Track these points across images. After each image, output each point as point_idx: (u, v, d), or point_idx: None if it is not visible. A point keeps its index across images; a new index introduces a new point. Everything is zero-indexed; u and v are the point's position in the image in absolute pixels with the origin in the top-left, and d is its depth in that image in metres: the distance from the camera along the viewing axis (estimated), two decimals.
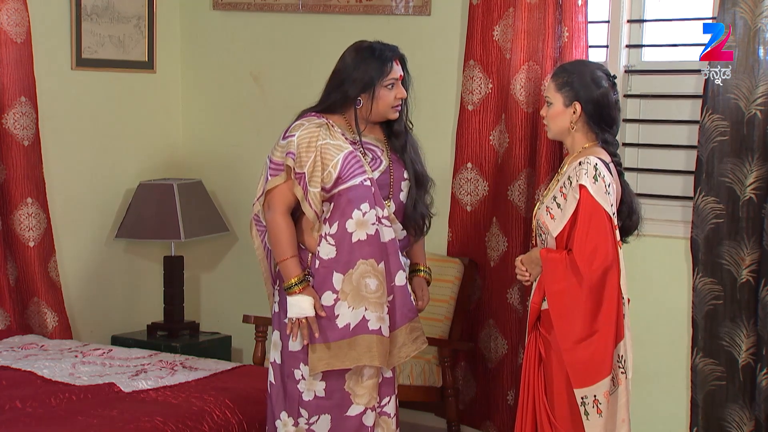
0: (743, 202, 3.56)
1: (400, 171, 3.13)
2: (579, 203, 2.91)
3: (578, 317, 2.89)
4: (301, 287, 2.99)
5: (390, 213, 3.07)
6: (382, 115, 3.09)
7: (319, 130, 3.01)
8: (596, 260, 2.87)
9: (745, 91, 3.54)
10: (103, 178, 4.72)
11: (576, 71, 3.04)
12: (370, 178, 3.03)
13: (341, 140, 3.03)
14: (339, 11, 4.53)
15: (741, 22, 3.51)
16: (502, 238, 4.07)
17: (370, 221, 3.00)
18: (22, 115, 4.25)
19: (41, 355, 3.85)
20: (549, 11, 3.88)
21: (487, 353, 4.16)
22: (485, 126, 4.12)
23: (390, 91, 3.07)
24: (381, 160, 3.10)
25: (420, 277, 3.26)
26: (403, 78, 3.11)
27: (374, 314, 2.99)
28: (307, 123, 3.04)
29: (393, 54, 3.08)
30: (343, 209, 3.00)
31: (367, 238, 3.00)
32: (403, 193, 3.14)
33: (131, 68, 4.79)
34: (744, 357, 3.60)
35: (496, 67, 4.07)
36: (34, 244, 4.28)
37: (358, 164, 3.02)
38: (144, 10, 4.79)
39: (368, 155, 3.08)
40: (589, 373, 2.89)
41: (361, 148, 3.07)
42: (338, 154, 3.01)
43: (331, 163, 3.00)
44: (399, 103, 3.10)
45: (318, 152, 2.99)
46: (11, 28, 4.18)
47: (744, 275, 3.58)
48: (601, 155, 3.00)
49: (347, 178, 3.00)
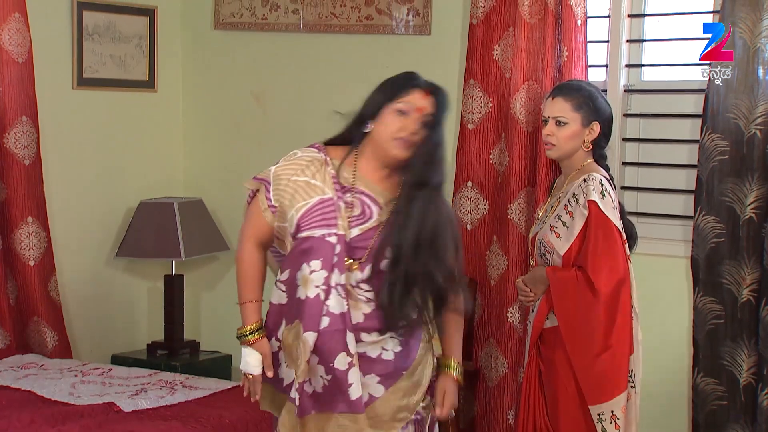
0: (743, 222, 3.56)
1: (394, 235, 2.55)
2: (589, 219, 2.92)
3: (593, 333, 2.89)
4: (256, 337, 2.60)
5: (355, 281, 2.55)
6: (382, 146, 2.55)
7: (305, 164, 2.59)
8: (610, 274, 2.88)
9: (744, 111, 3.55)
10: (104, 197, 4.73)
11: (588, 91, 3.10)
12: (338, 235, 2.54)
13: (327, 183, 2.56)
14: (339, 31, 4.55)
15: (740, 42, 3.52)
16: (502, 256, 4.07)
17: (315, 283, 2.53)
18: (23, 135, 4.25)
19: (41, 374, 3.84)
20: (549, 31, 3.89)
21: (488, 372, 4.15)
22: (485, 145, 4.13)
23: (398, 117, 2.53)
24: (371, 215, 2.58)
25: (447, 376, 2.67)
26: (426, 114, 2.53)
27: (298, 382, 2.56)
28: (300, 153, 2.63)
29: (417, 82, 2.58)
30: (296, 258, 2.57)
31: (306, 300, 2.54)
32: (386, 262, 2.54)
33: (132, 87, 4.80)
34: (745, 377, 3.59)
35: (496, 86, 4.08)
36: (35, 263, 4.28)
37: (328, 215, 2.55)
38: (145, 29, 4.81)
39: (357, 206, 2.57)
40: (605, 388, 2.89)
41: (351, 195, 2.57)
42: (310, 198, 2.56)
43: (297, 205, 2.56)
44: (404, 137, 2.52)
45: (290, 188, 2.58)
46: (13, 48, 4.19)
47: (745, 295, 3.58)
48: (600, 172, 3.03)
49: (306, 226, 2.55)
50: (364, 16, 4.51)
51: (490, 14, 4.05)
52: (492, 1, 4.04)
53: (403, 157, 2.53)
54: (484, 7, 4.06)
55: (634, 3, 3.95)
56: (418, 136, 2.52)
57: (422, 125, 2.52)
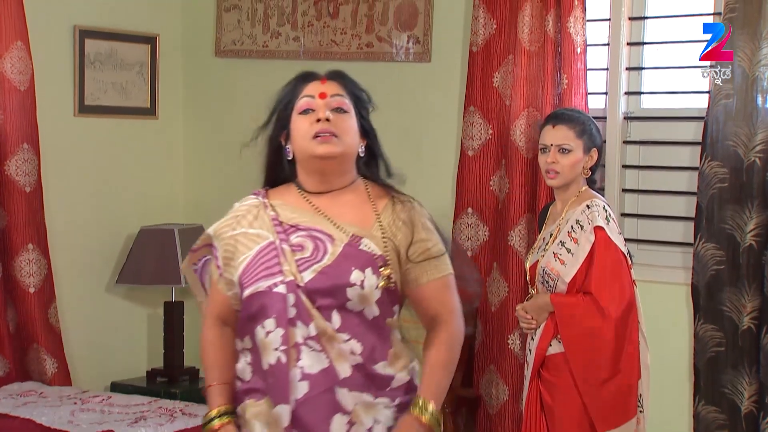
0: (743, 249, 3.56)
1: (356, 264, 2.11)
2: (596, 245, 2.93)
3: (602, 358, 2.89)
4: (223, 422, 2.15)
5: (332, 329, 2.09)
6: (306, 153, 2.16)
7: (242, 214, 2.22)
8: (619, 299, 2.89)
9: (744, 138, 3.55)
10: (105, 224, 4.73)
11: (586, 118, 3.14)
12: (287, 282, 2.10)
13: (267, 227, 2.16)
14: (340, 58, 4.56)
15: (739, 70, 3.53)
16: (502, 283, 4.06)
17: (274, 345, 2.09)
18: (24, 162, 4.26)
19: (40, 402, 3.83)
20: (548, 58, 3.91)
21: (488, 399, 4.13)
22: (485, 171, 4.14)
23: (305, 116, 2.18)
24: (325, 251, 2.12)
25: (409, 418, 2.11)
26: (333, 95, 2.18)
27: None
28: (238, 204, 2.27)
29: (307, 77, 2.27)
30: (248, 323, 2.15)
31: (269, 369, 2.10)
32: (351, 300, 2.11)
33: (133, 114, 4.82)
34: (746, 405, 3.57)
35: (496, 114, 4.10)
36: (35, 290, 4.27)
37: (271, 262, 2.13)
38: (147, 57, 4.83)
39: (308, 245, 2.14)
40: (616, 414, 2.89)
41: (298, 234, 2.15)
42: (249, 250, 2.15)
43: (238, 260, 2.16)
44: (320, 129, 2.14)
45: (230, 246, 2.19)
46: (15, 76, 4.21)
47: (745, 322, 3.57)
48: (600, 198, 3.06)
49: (249, 282, 2.13)
50: (364, 44, 4.53)
51: (490, 42, 4.07)
52: (492, 28, 4.07)
53: (332, 152, 2.13)
54: (484, 35, 4.08)
55: (633, 31, 3.97)
56: (339, 123, 2.15)
57: (336, 110, 2.17)
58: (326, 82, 2.21)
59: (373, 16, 4.50)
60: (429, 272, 2.16)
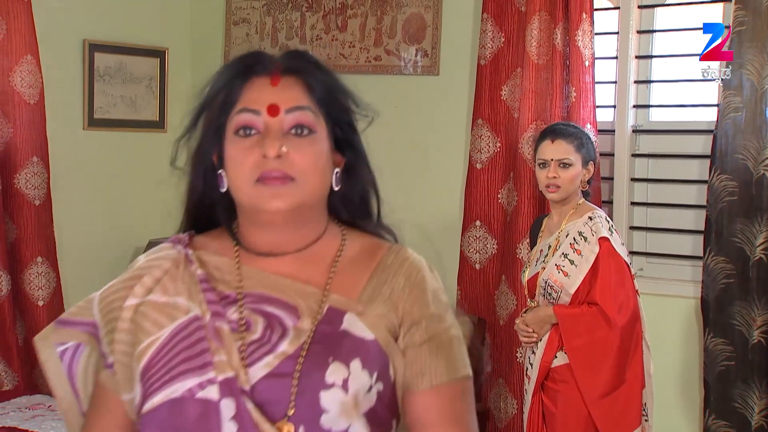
0: (753, 263, 3.55)
1: (336, 353, 1.35)
2: (600, 255, 2.95)
3: (608, 367, 2.90)
4: None
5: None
6: (246, 201, 1.41)
7: (149, 275, 1.45)
8: (624, 308, 2.91)
9: (753, 152, 3.55)
10: (113, 237, 4.74)
11: (582, 132, 3.18)
12: (221, 381, 1.33)
13: (192, 294, 1.40)
14: (348, 71, 4.57)
15: (748, 83, 3.53)
16: (511, 296, 4.05)
17: None
18: (33, 175, 4.28)
19: (48, 415, 3.83)
20: (556, 71, 3.91)
21: (497, 413, 4.12)
22: (494, 184, 4.14)
23: (240, 141, 1.40)
24: (284, 334, 1.36)
25: None
26: (291, 108, 1.41)
27: None
28: (143, 258, 1.51)
29: (248, 72, 1.44)
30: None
31: None
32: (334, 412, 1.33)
33: (142, 128, 4.83)
34: (757, 419, 3.55)
35: (504, 126, 4.10)
36: (44, 303, 4.28)
37: (195, 349, 1.36)
38: (156, 70, 4.84)
39: (257, 324, 1.37)
40: (620, 424, 2.90)
41: (241, 307, 1.39)
42: (160, 329, 1.39)
43: (139, 347, 1.39)
44: (265, 170, 1.37)
45: (123, 323, 1.42)
46: (25, 90, 4.22)
47: (756, 336, 3.56)
48: (598, 210, 3.10)
49: (159, 380, 1.36)
50: (372, 57, 4.54)
51: (498, 55, 4.08)
52: (500, 42, 4.07)
53: (287, 206, 1.37)
54: (492, 48, 4.08)
55: (641, 44, 3.97)
56: (297, 158, 1.37)
57: (295, 131, 1.39)
58: (280, 81, 1.42)
59: (381, 30, 4.51)
60: (433, 371, 1.42)
